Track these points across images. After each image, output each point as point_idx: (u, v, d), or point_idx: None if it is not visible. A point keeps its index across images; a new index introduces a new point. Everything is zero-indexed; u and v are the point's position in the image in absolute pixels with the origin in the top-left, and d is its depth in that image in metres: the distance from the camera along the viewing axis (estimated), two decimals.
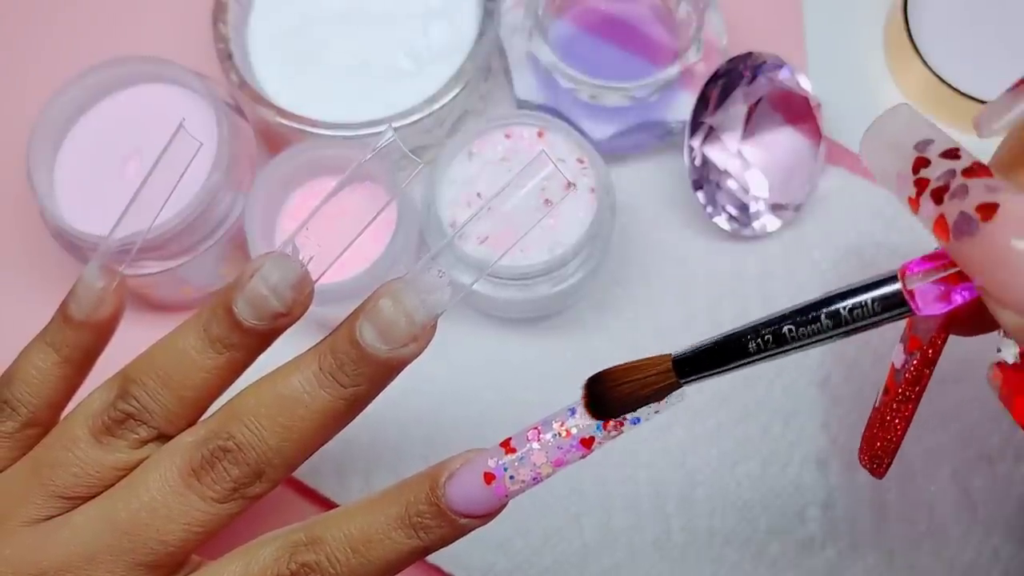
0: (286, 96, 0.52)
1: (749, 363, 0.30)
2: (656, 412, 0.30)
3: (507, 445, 0.31)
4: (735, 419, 0.50)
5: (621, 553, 0.48)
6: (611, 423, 0.30)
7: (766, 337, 0.30)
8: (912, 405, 0.33)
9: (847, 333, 0.29)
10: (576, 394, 0.31)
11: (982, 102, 0.51)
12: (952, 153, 0.28)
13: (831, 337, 0.29)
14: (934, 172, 0.28)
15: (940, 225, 0.27)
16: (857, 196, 0.53)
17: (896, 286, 0.28)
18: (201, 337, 0.32)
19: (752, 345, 0.30)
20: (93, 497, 0.32)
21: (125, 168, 0.49)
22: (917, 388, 0.33)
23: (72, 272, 0.53)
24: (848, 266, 0.52)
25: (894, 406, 0.34)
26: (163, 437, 0.33)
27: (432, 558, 0.48)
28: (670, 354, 0.31)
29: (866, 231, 0.52)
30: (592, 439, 0.30)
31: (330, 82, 0.53)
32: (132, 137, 0.49)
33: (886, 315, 0.29)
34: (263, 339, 0.33)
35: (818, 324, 0.29)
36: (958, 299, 0.28)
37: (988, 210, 0.26)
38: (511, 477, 0.30)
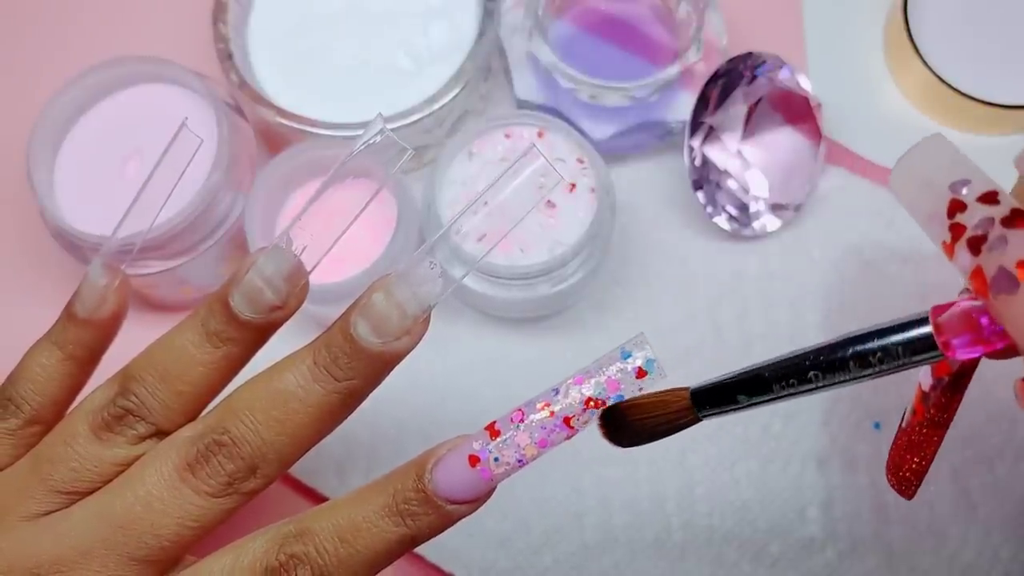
0: (286, 96, 0.52)
1: (769, 402, 0.30)
2: (640, 389, 0.30)
3: (491, 428, 0.30)
4: (735, 419, 0.50)
5: (621, 553, 0.48)
6: (594, 401, 0.30)
7: (790, 380, 0.29)
8: (943, 430, 0.32)
9: (873, 376, 0.28)
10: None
11: (982, 102, 0.52)
12: (990, 197, 0.26)
13: (857, 380, 0.28)
14: (971, 218, 0.26)
15: (977, 277, 0.26)
16: (857, 196, 0.53)
17: (926, 329, 0.27)
18: (199, 332, 0.32)
19: (776, 386, 0.29)
20: (92, 493, 0.32)
21: (125, 168, 0.49)
22: (946, 415, 0.32)
23: (72, 272, 0.53)
24: (848, 266, 0.52)
25: (923, 431, 0.32)
26: (161, 433, 0.33)
27: (432, 556, 0.48)
28: (687, 389, 0.31)
29: (866, 231, 0.52)
30: (574, 417, 0.30)
31: (330, 82, 0.53)
32: (132, 137, 0.49)
33: (916, 358, 0.27)
34: (260, 333, 0.33)
35: (846, 372, 0.28)
36: (992, 345, 0.27)
37: None
38: (495, 459, 0.30)
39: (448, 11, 0.53)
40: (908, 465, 0.33)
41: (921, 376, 0.33)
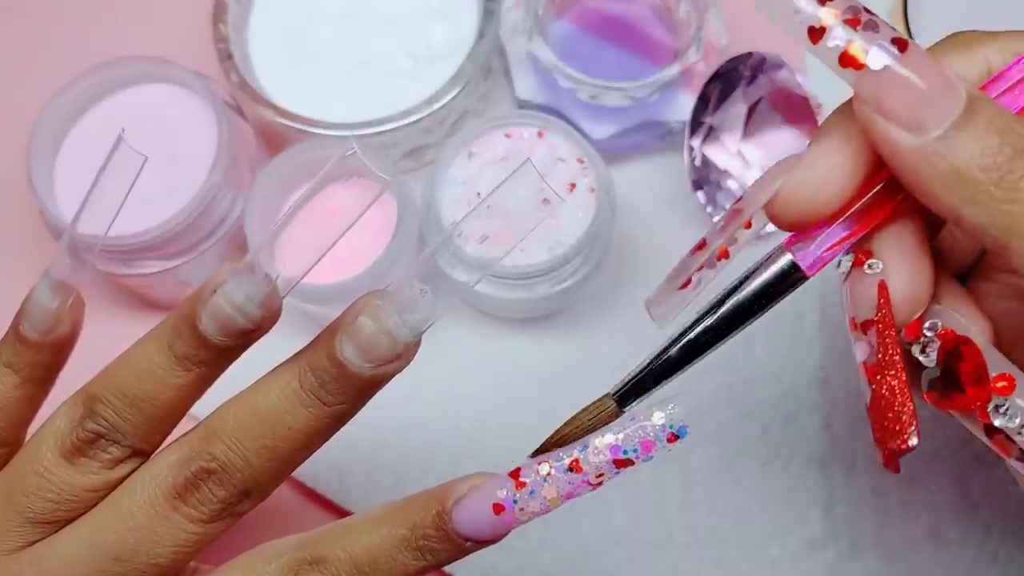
0: (286, 96, 0.52)
1: (678, 374, 0.32)
2: (670, 451, 0.31)
3: (516, 477, 0.30)
4: (735, 419, 0.50)
5: (621, 553, 0.48)
6: (621, 461, 0.30)
7: (692, 356, 0.32)
8: (899, 366, 0.31)
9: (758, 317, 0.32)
10: (573, 393, 0.32)
11: None
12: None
13: (744, 327, 0.32)
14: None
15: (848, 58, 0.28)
16: None
17: (788, 257, 0.31)
18: (167, 355, 0.31)
19: (686, 366, 0.32)
20: (73, 519, 0.32)
21: None
22: (890, 352, 0.31)
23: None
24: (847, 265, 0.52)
25: (888, 383, 0.31)
26: (138, 454, 0.32)
27: None
28: (610, 397, 0.32)
29: None
30: (602, 474, 0.31)
31: (330, 82, 0.53)
32: (132, 137, 0.49)
33: (787, 287, 0.32)
34: (232, 353, 0.31)
35: (737, 327, 0.32)
36: (841, 236, 0.31)
37: (903, 43, 0.28)
38: (521, 509, 0.30)
39: (448, 11, 0.53)
40: (893, 428, 0.32)
41: (857, 356, 0.33)
